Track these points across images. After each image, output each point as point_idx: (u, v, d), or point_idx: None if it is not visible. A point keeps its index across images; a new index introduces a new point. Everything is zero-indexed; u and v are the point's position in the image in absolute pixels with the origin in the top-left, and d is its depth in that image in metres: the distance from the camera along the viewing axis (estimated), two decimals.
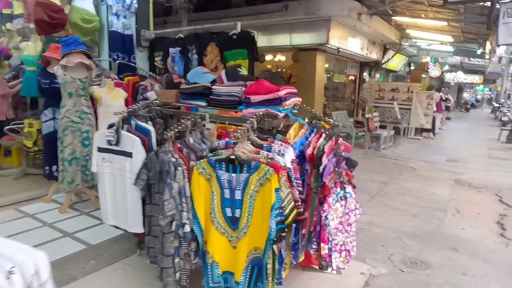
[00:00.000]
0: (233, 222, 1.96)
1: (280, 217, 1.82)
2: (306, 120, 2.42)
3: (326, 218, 2.08)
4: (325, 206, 2.07)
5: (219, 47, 4.00)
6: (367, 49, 10.70)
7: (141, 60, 4.59)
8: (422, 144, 10.40)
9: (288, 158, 1.95)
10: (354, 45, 9.69)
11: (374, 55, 11.47)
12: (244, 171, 1.89)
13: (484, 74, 22.35)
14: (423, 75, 12.10)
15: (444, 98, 13.07)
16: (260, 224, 1.87)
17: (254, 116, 2.10)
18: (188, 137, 2.23)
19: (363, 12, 8.19)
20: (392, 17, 8.98)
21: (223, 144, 2.08)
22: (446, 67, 20.25)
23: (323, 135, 2.18)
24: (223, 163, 1.92)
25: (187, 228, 2.02)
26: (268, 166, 1.83)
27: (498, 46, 7.17)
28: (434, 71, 12.09)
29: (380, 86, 12.07)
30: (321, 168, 2.05)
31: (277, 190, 1.81)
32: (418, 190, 5.63)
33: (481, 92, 44.90)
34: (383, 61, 12.22)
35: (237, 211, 1.94)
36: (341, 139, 2.37)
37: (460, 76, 22.37)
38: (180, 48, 4.36)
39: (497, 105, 21.59)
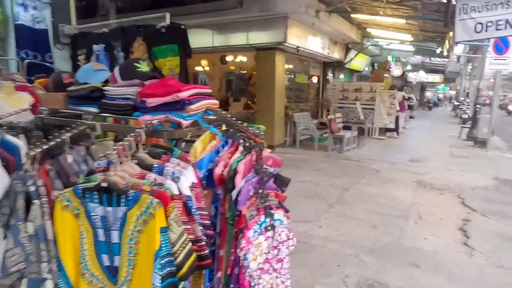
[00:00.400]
0: (113, 274, 1.41)
1: (168, 268, 1.30)
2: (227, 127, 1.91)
3: (245, 257, 1.57)
4: (243, 242, 1.56)
5: (147, 42, 3.43)
6: (329, 49, 10.45)
7: (60, 59, 3.93)
8: (386, 144, 10.26)
9: (185, 182, 1.44)
10: (315, 44, 9.38)
11: (337, 55, 11.26)
12: (122, 204, 1.35)
13: (444, 73, 23.06)
14: (385, 75, 12.05)
15: (407, 97, 13.12)
16: (148, 276, 1.34)
17: (147, 125, 1.57)
18: (66, 155, 1.65)
19: (321, 9, 7.88)
20: (351, 15, 8.75)
21: (105, 164, 1.52)
22: (409, 67, 20.61)
23: (240, 148, 1.68)
24: (94, 193, 1.38)
25: (49, 285, 1.45)
26: (151, 197, 1.30)
27: (456, 43, 7.05)
28: (396, 70, 12.10)
29: (343, 86, 11.89)
30: (234, 193, 1.55)
31: (163, 230, 1.29)
32: (379, 195, 5.31)
33: (442, 91, 46.82)
34: (346, 61, 12.05)
35: (116, 259, 1.40)
36: (268, 151, 1.88)
37: (422, 76, 22.95)
38: (104, 45, 3.74)
39: (457, 103, 22.27)
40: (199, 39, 8.87)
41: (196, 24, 8.56)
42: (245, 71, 11.71)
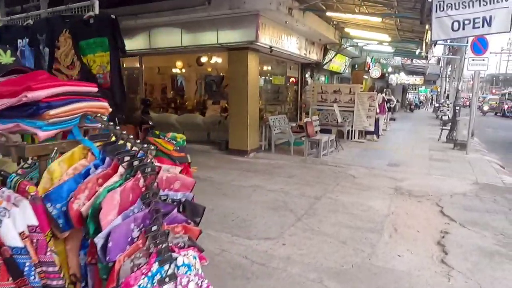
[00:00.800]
0: None
1: None
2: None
3: None
4: None
5: (73, 35, 2.93)
6: (306, 49, 10.09)
7: None
8: (365, 147, 9.94)
9: (12, 227, 0.95)
10: (290, 44, 8.99)
11: (314, 56, 10.91)
12: None
13: (425, 75, 23.17)
14: (364, 76, 11.79)
15: (387, 99, 12.89)
16: None
17: None
18: None
19: (294, 7, 7.49)
20: (326, 13, 8.40)
21: None
22: (390, 69, 20.55)
23: (120, 170, 1.20)
24: None
25: None
26: None
27: (433, 43, 6.77)
28: (375, 72, 11.87)
29: (322, 88, 11.56)
30: (99, 239, 1.07)
31: None
32: (353, 205, 4.90)
33: (423, 93, 47.47)
34: (324, 62, 11.72)
35: None
36: (177, 169, 1.42)
37: (402, 78, 22.99)
38: (28, 39, 3.21)
39: (438, 105, 22.34)
40: (167, 38, 8.37)
41: (163, 22, 8.06)
42: (223, 73, 11.26)
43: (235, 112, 8.33)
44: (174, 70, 12.66)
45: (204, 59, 10.51)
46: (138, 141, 1.33)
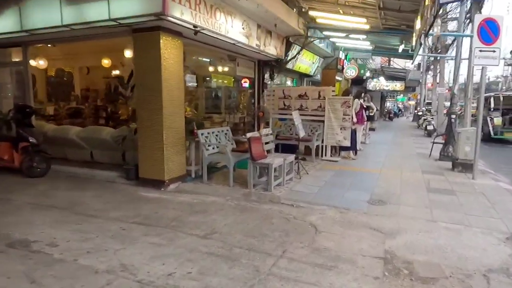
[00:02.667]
0: None
1: None
2: None
3: None
4: None
5: None
6: (259, 39, 7.54)
7: None
8: (338, 169, 7.41)
9: None
10: (232, 29, 6.41)
11: (272, 50, 8.38)
12: None
13: (405, 80, 21.30)
14: (337, 78, 9.39)
15: (365, 106, 10.52)
16: None
17: None
18: None
19: None
20: None
21: None
22: (368, 73, 18.43)
23: None
24: None
25: None
26: None
27: (440, 4, 4.33)
28: (350, 70, 9.48)
29: (284, 92, 9.03)
30: None
31: None
32: None
33: (401, 102, 46.28)
34: (286, 59, 9.23)
35: None
36: None
37: (382, 83, 21.00)
38: None
39: (420, 113, 20.41)
40: (42, 15, 5.60)
41: None
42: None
43: (145, 125, 5.62)
44: (110, 71, 9.99)
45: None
46: None
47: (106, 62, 9.49)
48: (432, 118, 16.73)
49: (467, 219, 4.42)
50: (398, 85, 22.71)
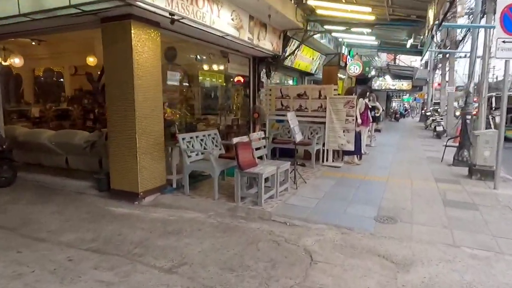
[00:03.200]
0: None
1: None
2: None
3: None
4: None
5: None
6: (251, 32, 6.79)
7: None
8: (341, 177, 6.62)
9: None
10: (220, 20, 5.66)
11: (268, 44, 7.62)
12: None
13: (413, 79, 20.39)
14: (340, 75, 8.60)
15: (370, 107, 9.72)
16: None
17: None
18: None
19: None
20: None
21: None
22: (373, 72, 17.59)
23: None
24: None
25: None
26: None
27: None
28: (353, 67, 8.66)
29: (282, 91, 8.26)
30: None
31: None
32: None
33: (407, 102, 45.22)
34: (284, 55, 8.46)
35: None
36: None
37: (388, 82, 20.11)
38: None
39: (429, 113, 19.49)
40: None
41: None
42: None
43: (116, 129, 4.89)
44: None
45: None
46: None
47: (91, 60, 8.83)
48: (442, 119, 15.84)
49: (497, 243, 3.62)
50: (405, 84, 21.76)
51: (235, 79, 8.13)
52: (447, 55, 17.63)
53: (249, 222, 4.24)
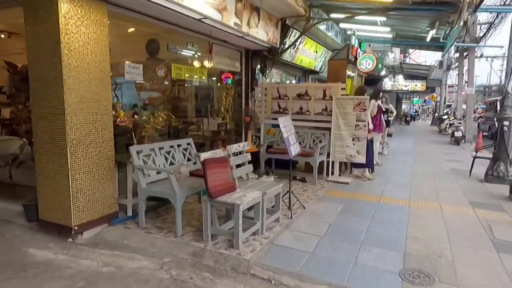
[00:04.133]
0: None
1: None
2: None
3: None
4: None
5: None
6: (238, 17, 5.46)
7: None
8: (350, 199, 5.25)
9: None
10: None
11: (261, 34, 6.30)
12: None
13: (427, 79, 18.88)
14: (348, 72, 7.22)
15: (384, 109, 8.35)
16: None
17: None
18: None
19: None
20: None
21: None
22: (384, 71, 16.14)
23: None
24: None
25: None
26: None
27: None
28: (365, 61, 7.22)
29: (279, 90, 6.92)
30: None
31: None
32: None
33: (416, 104, 43.56)
34: (282, 47, 7.13)
35: None
36: None
37: (400, 82, 18.63)
38: None
39: (445, 117, 17.99)
40: None
41: None
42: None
43: (42, 139, 3.60)
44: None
45: None
46: None
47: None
48: (460, 123, 14.35)
49: None
50: (418, 85, 20.19)
51: (222, 76, 6.81)
52: (465, 54, 16.16)
53: (217, 277, 2.91)
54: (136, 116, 6.69)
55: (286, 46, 7.18)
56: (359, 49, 7.24)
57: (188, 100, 7.34)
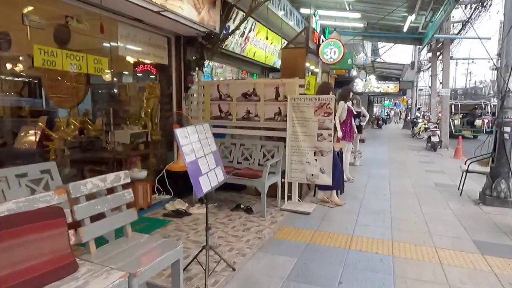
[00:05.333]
0: None
1: None
2: None
3: None
4: None
5: None
6: None
7: None
8: (309, 244, 3.61)
9: None
10: None
11: (188, 10, 4.57)
12: None
13: (400, 80, 17.88)
14: (311, 66, 5.64)
15: (355, 113, 6.88)
16: None
17: None
18: None
19: None
20: None
21: None
22: (355, 72, 14.88)
23: None
24: None
25: None
26: None
27: None
28: (330, 49, 5.71)
29: (220, 88, 5.23)
30: None
31: None
32: None
33: (388, 107, 43.37)
34: (226, 34, 5.45)
35: None
36: None
37: (372, 84, 17.51)
38: None
39: (420, 120, 17.11)
40: None
41: None
42: None
43: None
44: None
45: None
46: None
47: None
48: (436, 127, 13.26)
49: None
50: (391, 87, 19.15)
51: (138, 68, 5.04)
52: (438, 53, 15.22)
53: None
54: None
55: (232, 29, 5.50)
56: (322, 37, 5.67)
57: (99, 102, 5.50)
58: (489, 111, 17.55)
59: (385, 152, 11.48)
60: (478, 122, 16.97)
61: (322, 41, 5.54)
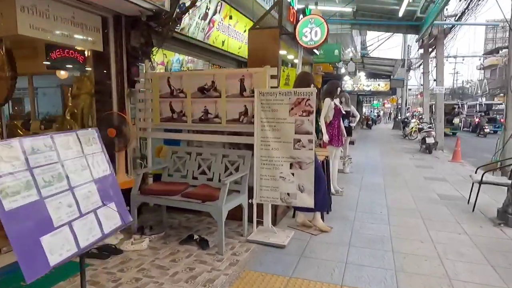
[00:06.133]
0: None
1: None
2: None
3: None
4: None
5: None
6: None
7: None
8: None
9: None
10: None
11: None
12: None
13: (391, 78, 16.96)
14: (290, 56, 4.51)
15: (344, 112, 5.80)
16: None
17: None
18: None
19: None
20: None
21: None
22: (343, 69, 13.86)
23: None
24: None
25: None
26: None
27: None
28: (309, 30, 4.62)
29: (171, 82, 4.04)
30: None
31: None
32: None
33: (377, 107, 42.75)
34: (179, 12, 4.27)
35: None
36: None
37: (362, 82, 16.54)
38: None
39: (413, 120, 16.31)
40: None
41: None
42: None
43: None
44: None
45: None
46: None
47: None
48: (430, 127, 12.32)
49: None
50: (382, 85, 18.17)
51: (52, 55, 3.84)
52: (431, 49, 14.29)
53: None
54: None
55: (183, 8, 4.32)
56: (301, 16, 4.53)
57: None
58: (465, 112, 19.85)
59: (377, 155, 10.47)
60: (456, 120, 18.48)
61: (300, 21, 4.40)
